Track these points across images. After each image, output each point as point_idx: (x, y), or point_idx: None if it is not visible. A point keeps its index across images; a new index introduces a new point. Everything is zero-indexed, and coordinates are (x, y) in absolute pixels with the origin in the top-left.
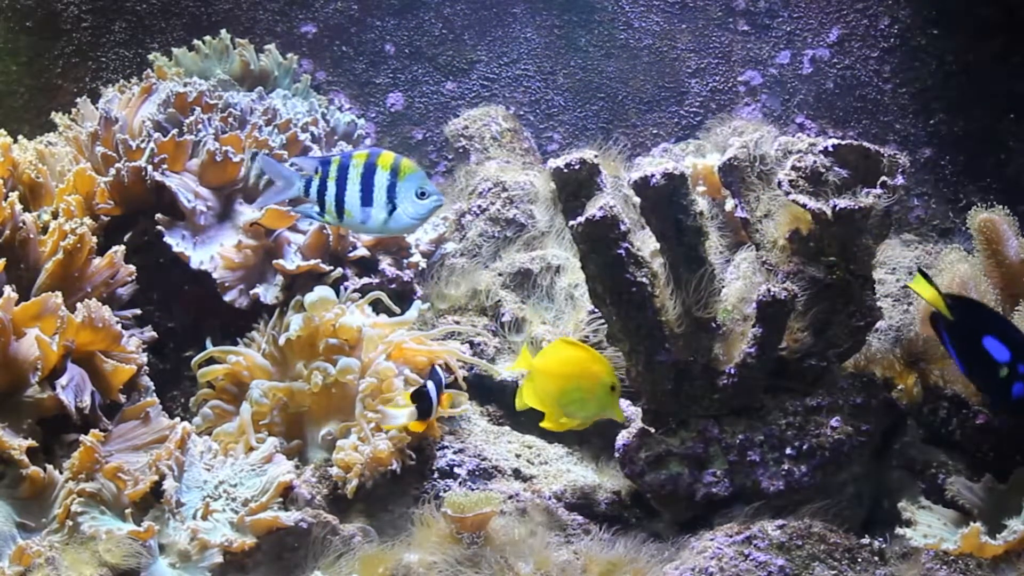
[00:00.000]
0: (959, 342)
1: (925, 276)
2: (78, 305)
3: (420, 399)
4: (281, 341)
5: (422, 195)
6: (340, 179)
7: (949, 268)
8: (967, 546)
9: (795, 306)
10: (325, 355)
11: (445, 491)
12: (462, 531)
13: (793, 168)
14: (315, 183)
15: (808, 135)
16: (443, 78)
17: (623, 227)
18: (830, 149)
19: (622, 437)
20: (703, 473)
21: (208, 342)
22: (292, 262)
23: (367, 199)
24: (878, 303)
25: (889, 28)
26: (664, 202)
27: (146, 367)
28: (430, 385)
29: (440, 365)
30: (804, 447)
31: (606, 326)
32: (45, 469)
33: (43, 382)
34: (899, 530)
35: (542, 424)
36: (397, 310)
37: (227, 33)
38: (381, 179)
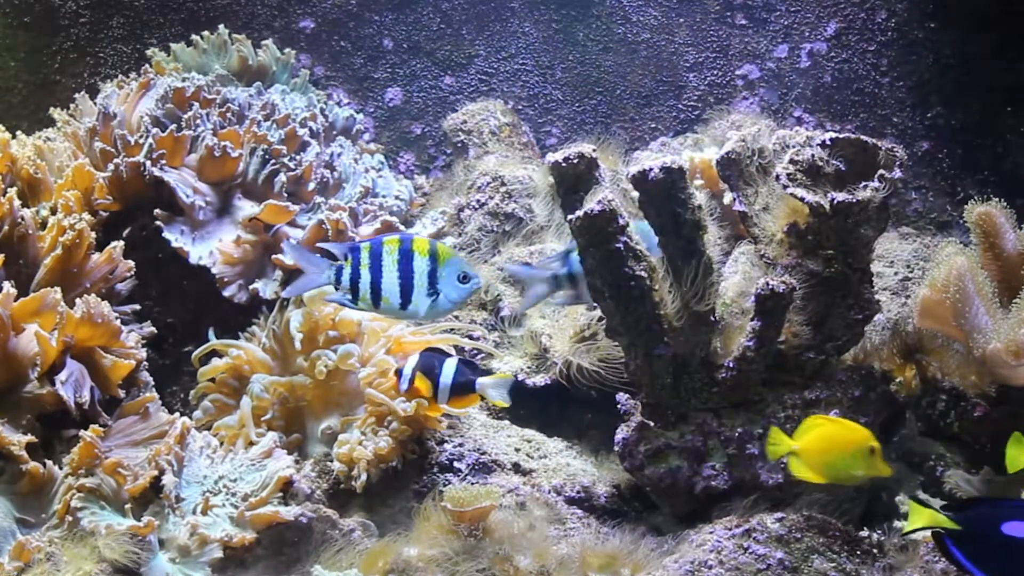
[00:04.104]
0: (975, 547)
1: (917, 500)
2: (77, 301)
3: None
4: (297, 346)
5: (464, 278)
6: (374, 266)
7: (946, 261)
8: None
9: (793, 299)
10: (325, 348)
11: (445, 485)
12: (461, 524)
13: (791, 161)
14: (347, 271)
15: (806, 129)
16: (441, 73)
17: (622, 221)
18: (828, 142)
19: (621, 431)
20: (702, 466)
21: (211, 333)
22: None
23: (407, 285)
24: (876, 296)
25: (886, 21)
26: (662, 196)
27: (145, 362)
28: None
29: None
30: None
31: (605, 320)
32: (44, 465)
33: (42, 378)
34: (898, 523)
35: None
36: None
37: (225, 28)
38: (421, 265)
